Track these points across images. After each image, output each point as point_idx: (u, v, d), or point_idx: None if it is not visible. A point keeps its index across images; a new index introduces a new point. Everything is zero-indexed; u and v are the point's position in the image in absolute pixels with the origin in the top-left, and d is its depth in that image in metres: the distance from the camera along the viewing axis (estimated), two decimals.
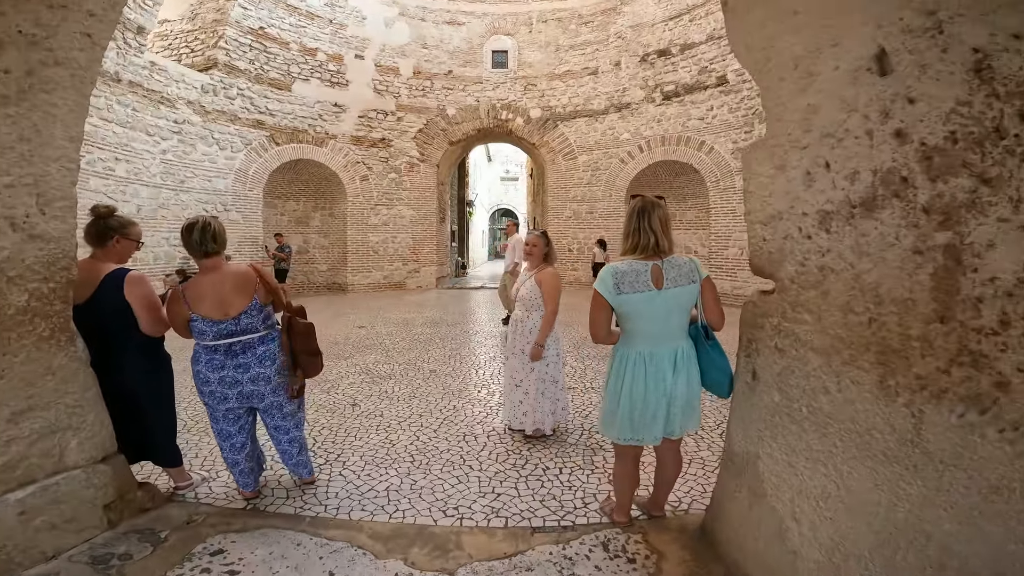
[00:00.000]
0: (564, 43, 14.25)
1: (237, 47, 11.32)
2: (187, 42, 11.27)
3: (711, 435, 3.78)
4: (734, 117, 11.48)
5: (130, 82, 8.80)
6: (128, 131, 8.78)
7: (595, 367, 5.90)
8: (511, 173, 38.50)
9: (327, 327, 8.57)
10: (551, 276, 3.54)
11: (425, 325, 8.70)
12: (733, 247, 11.51)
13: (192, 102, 10.29)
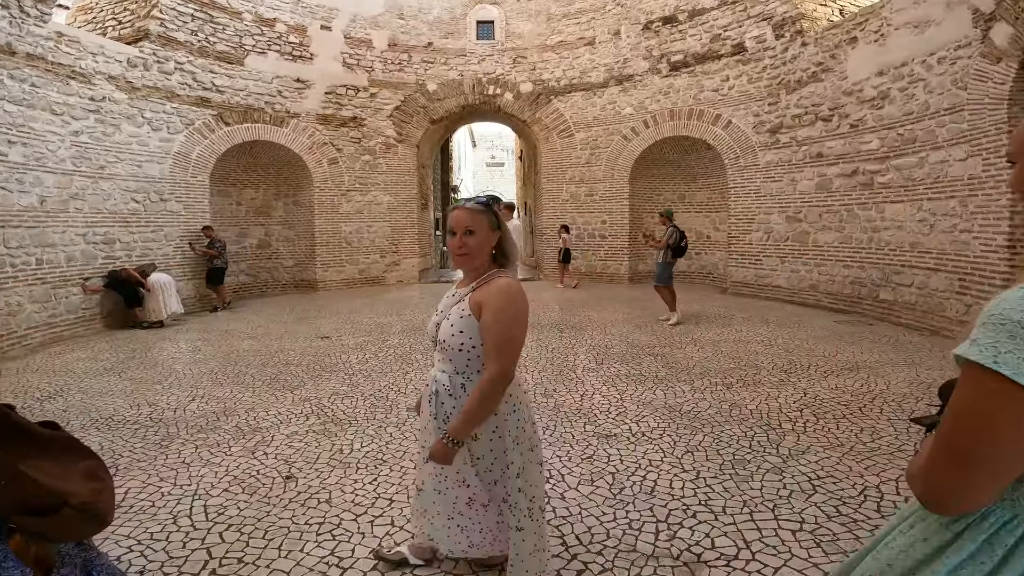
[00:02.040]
0: (556, 12, 12.76)
1: (175, 16, 9.58)
2: (114, 14, 9.56)
3: None
4: (755, 88, 10.06)
5: (28, 55, 7.12)
6: (25, 110, 7.07)
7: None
8: (497, 159, 36.84)
9: (283, 339, 6.98)
10: (503, 297, 1.67)
11: (404, 333, 7.13)
12: (757, 231, 10.07)
13: (115, 77, 8.55)
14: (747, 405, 4.14)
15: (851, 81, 8.17)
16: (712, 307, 8.96)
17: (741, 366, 5.24)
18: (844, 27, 8.35)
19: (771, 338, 6.50)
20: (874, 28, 7.76)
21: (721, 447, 3.38)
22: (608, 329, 7.17)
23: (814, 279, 8.96)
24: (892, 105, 7.50)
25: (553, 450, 3.36)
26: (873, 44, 7.76)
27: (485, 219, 1.73)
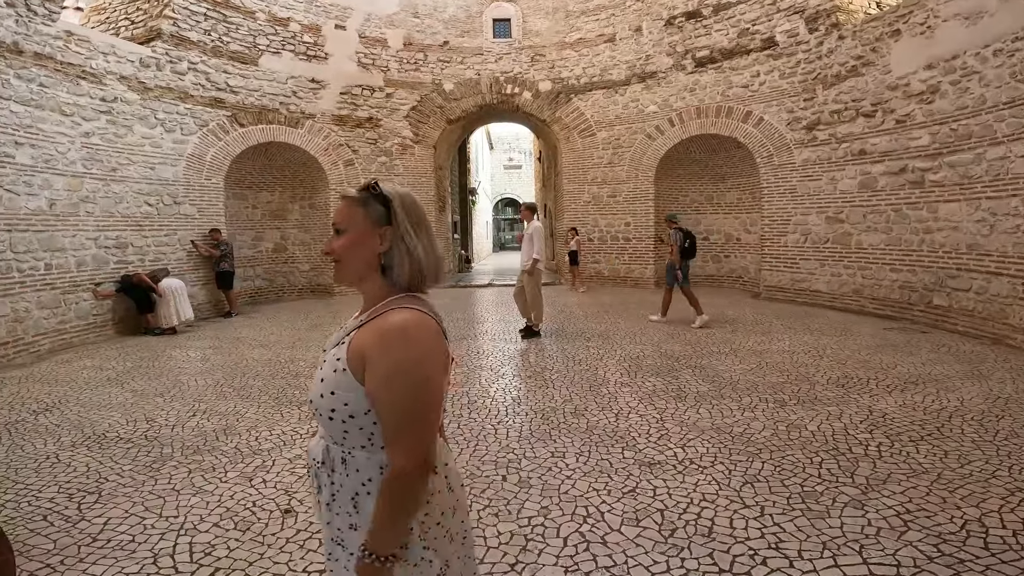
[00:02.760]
0: (574, 8, 12.41)
1: (188, 16, 9.40)
2: (127, 14, 9.40)
3: None
4: (788, 83, 9.56)
5: (36, 54, 6.92)
6: (33, 110, 6.86)
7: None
8: (514, 161, 36.53)
9: (295, 347, 6.67)
10: (394, 346, 0.99)
11: None
12: (793, 232, 9.52)
13: (126, 77, 8.34)
14: (807, 426, 3.67)
15: (896, 75, 7.69)
16: (747, 313, 8.44)
17: (791, 380, 4.76)
18: (885, 20, 7.90)
19: (819, 348, 5.99)
20: (919, 20, 7.31)
21: (785, 477, 2.93)
22: (638, 337, 6.73)
23: (858, 283, 8.40)
24: (943, 99, 7.00)
25: (589, 482, 2.94)
26: (919, 37, 7.32)
27: (363, 214, 1.10)
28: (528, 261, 6.78)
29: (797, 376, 4.87)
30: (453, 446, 3.47)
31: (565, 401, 4.31)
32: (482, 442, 3.53)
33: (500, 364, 5.61)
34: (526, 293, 6.85)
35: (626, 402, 4.25)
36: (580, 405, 4.21)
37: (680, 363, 5.41)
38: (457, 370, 5.36)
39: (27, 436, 3.84)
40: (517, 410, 4.13)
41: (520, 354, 6.03)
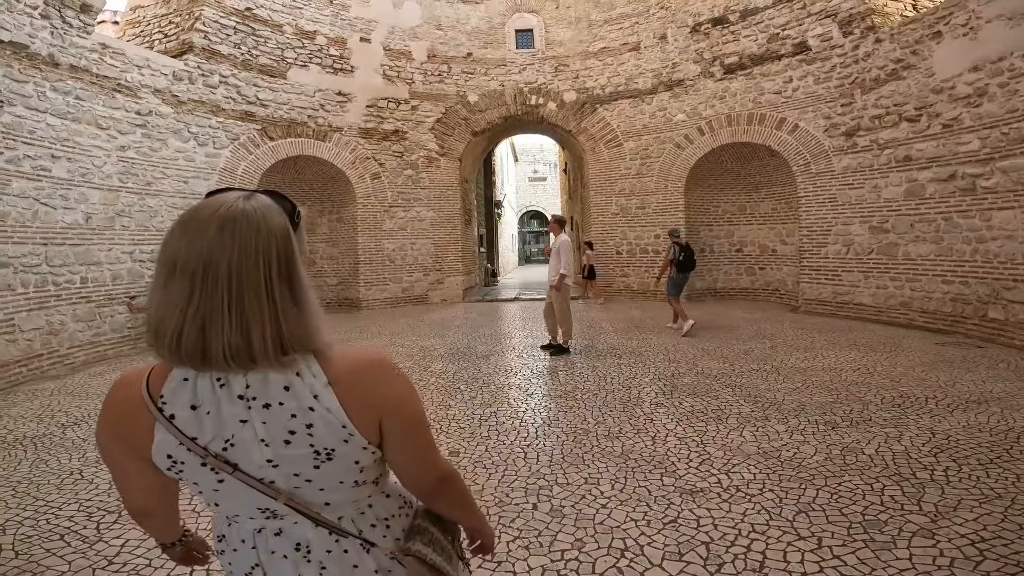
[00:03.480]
0: (597, 18, 12.29)
1: (219, 29, 9.58)
2: (160, 27, 9.61)
3: None
4: (824, 89, 9.22)
5: (71, 66, 7.06)
6: (70, 123, 6.99)
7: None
8: (539, 173, 36.53)
9: None
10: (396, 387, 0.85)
11: (447, 358, 6.62)
12: (834, 243, 9.11)
13: (160, 91, 8.50)
14: (863, 450, 3.40)
15: (940, 78, 7.36)
16: (786, 328, 8.08)
17: (841, 400, 4.45)
18: (925, 22, 7.60)
19: (868, 365, 5.64)
20: (961, 22, 7.01)
21: (843, 505, 2.70)
22: (671, 355, 6.46)
23: (905, 296, 7.97)
24: (992, 103, 6.66)
25: (626, 511, 2.73)
26: (962, 38, 7.02)
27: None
28: (555, 276, 6.61)
29: (847, 396, 4.56)
30: (480, 471, 3.31)
31: (598, 423, 4.10)
32: (511, 467, 3.35)
33: (529, 383, 5.42)
34: (555, 309, 6.68)
35: (663, 424, 4.02)
36: (614, 427, 3.99)
37: (718, 382, 5.14)
38: (482, 389, 5.21)
39: (53, 451, 3.82)
40: (548, 432, 3.94)
41: (549, 372, 5.83)
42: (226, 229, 0.70)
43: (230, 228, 0.70)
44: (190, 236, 0.71)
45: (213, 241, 0.70)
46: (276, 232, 0.73)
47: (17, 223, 6.21)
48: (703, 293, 11.85)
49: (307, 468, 0.78)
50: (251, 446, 0.76)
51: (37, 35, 6.58)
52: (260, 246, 0.71)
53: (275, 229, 0.73)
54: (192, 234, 0.71)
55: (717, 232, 12.02)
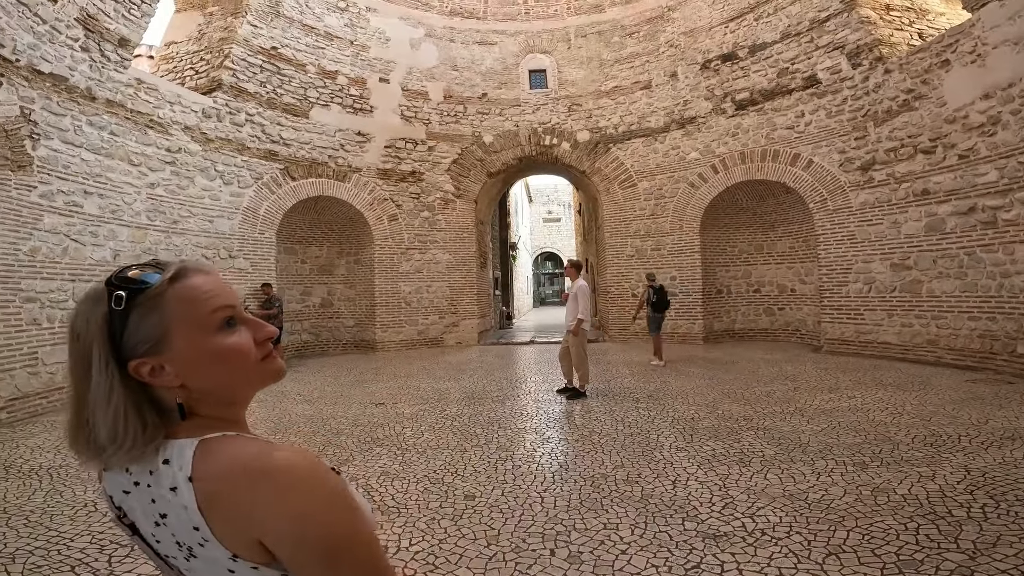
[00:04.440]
0: (608, 57, 12.53)
1: (246, 68, 9.91)
2: (192, 64, 9.96)
3: None
4: (836, 122, 9.25)
5: (108, 101, 7.30)
6: (103, 159, 7.21)
7: None
8: (554, 214, 36.92)
9: (337, 403, 6.59)
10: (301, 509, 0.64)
11: (463, 401, 6.55)
12: (855, 281, 8.96)
13: (190, 128, 8.77)
14: (895, 489, 3.27)
15: (952, 107, 7.34)
16: (809, 369, 7.89)
17: (870, 440, 4.29)
18: (932, 50, 7.64)
19: (896, 404, 5.47)
20: (968, 49, 7.03)
21: (876, 545, 2.59)
22: (691, 398, 6.32)
23: (932, 333, 7.77)
24: (1006, 131, 6.61)
25: (647, 557, 2.61)
26: (971, 66, 7.02)
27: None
28: (573, 321, 6.59)
29: (876, 436, 4.41)
30: (496, 515, 3.21)
31: (616, 467, 3.99)
32: (528, 511, 3.25)
33: (545, 427, 5.33)
34: (572, 353, 6.63)
35: (683, 468, 3.89)
36: (633, 471, 3.87)
37: (740, 424, 5.00)
38: (498, 433, 5.12)
39: (68, 482, 3.82)
40: (565, 477, 3.84)
41: (566, 416, 5.73)
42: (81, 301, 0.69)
43: (82, 300, 0.69)
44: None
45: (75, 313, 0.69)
46: (75, 321, 0.68)
47: (47, 259, 6.37)
48: (721, 335, 11.64)
49: (180, 556, 0.68)
50: (138, 514, 0.70)
51: (77, 68, 6.82)
52: (73, 335, 0.68)
53: (75, 318, 0.69)
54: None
55: (734, 273, 11.89)
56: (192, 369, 0.68)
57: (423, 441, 4.80)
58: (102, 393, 0.65)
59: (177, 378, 0.67)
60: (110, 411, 0.64)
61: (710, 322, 11.54)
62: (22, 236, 6.10)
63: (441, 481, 3.78)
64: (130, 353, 0.65)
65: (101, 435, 0.64)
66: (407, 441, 4.82)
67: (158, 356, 0.66)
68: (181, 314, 0.68)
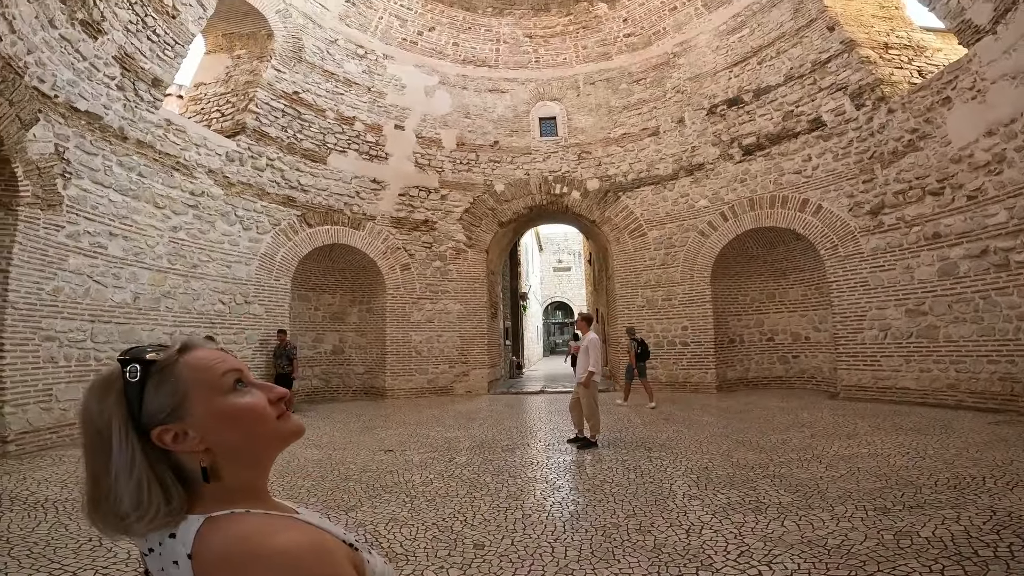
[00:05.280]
0: (616, 104, 12.84)
1: (269, 111, 10.29)
2: (218, 106, 10.38)
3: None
4: (843, 165, 9.29)
5: (138, 141, 7.56)
6: (130, 201, 7.42)
7: None
8: (564, 263, 37.20)
9: (347, 449, 6.54)
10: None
11: (472, 450, 6.45)
12: (870, 328, 8.81)
13: (214, 171, 9.03)
14: (919, 532, 3.15)
15: (956, 146, 7.35)
16: (825, 416, 7.69)
17: (891, 485, 4.15)
18: (933, 88, 7.70)
19: (918, 448, 5.31)
20: (967, 85, 7.09)
21: None
22: (704, 447, 6.17)
23: (951, 378, 7.59)
24: (1012, 169, 6.59)
25: None
26: (972, 102, 7.05)
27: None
28: (584, 374, 6.59)
29: (897, 480, 4.26)
30: (506, 564, 3.12)
31: (628, 516, 3.88)
32: (538, 561, 3.16)
33: (555, 476, 5.22)
34: (582, 404, 6.60)
35: (697, 516, 3.77)
36: (645, 521, 3.76)
37: (755, 472, 4.86)
38: (507, 481, 5.01)
39: (74, 516, 3.80)
40: (576, 526, 3.73)
41: (576, 465, 5.62)
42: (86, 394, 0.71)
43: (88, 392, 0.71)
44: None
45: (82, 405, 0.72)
46: (87, 402, 0.70)
47: (69, 299, 6.52)
48: (734, 383, 11.41)
49: None
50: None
51: (111, 107, 7.09)
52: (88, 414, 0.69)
53: (88, 399, 0.70)
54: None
55: (746, 322, 11.76)
56: (213, 431, 0.70)
57: (432, 488, 4.72)
58: (124, 464, 0.66)
59: (201, 442, 0.69)
60: (132, 481, 0.66)
61: (723, 371, 11.33)
62: (47, 276, 6.26)
63: (450, 529, 3.69)
64: (150, 422, 0.67)
65: (124, 505, 0.66)
66: (416, 488, 4.74)
67: (180, 422, 0.68)
68: (195, 380, 0.71)
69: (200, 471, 0.69)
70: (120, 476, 0.66)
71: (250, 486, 0.74)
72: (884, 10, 9.74)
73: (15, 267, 5.92)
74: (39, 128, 6.16)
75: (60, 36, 6.32)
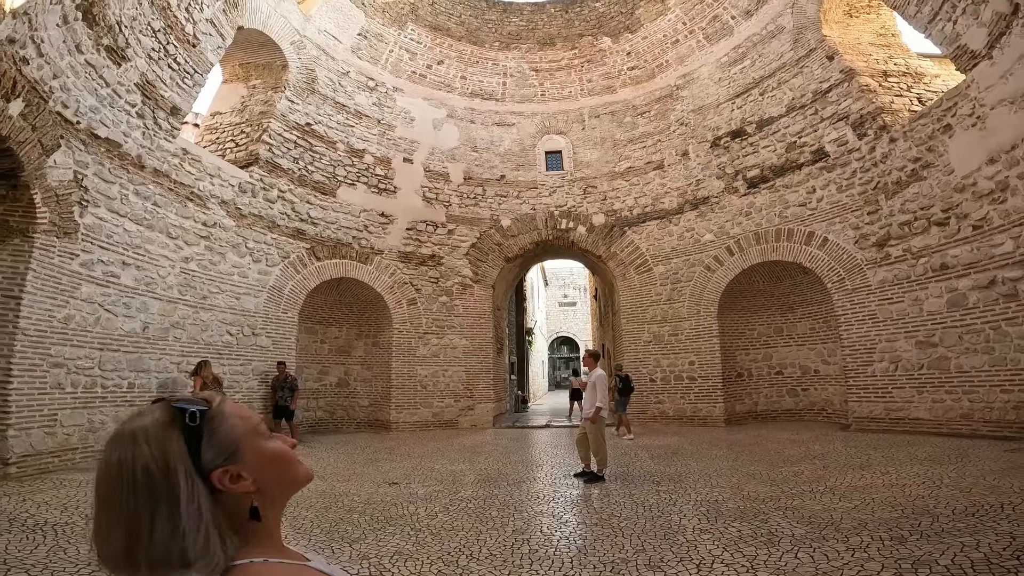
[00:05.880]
0: (621, 138, 13.01)
1: (281, 143, 10.47)
2: (233, 136, 10.52)
3: None
4: (847, 197, 9.27)
5: (155, 170, 7.67)
6: (144, 230, 7.50)
7: None
8: (569, 298, 37.24)
9: (351, 481, 6.46)
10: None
11: (477, 483, 6.35)
12: (880, 360, 8.68)
13: (227, 202, 9.15)
14: (937, 560, 3.07)
15: (959, 174, 7.32)
16: (838, 447, 7.53)
17: (907, 515, 4.04)
18: (933, 115, 7.72)
19: (933, 478, 5.19)
20: (967, 111, 7.10)
21: None
22: (713, 480, 6.05)
23: (964, 407, 7.43)
24: (1016, 196, 6.55)
25: None
26: (972, 129, 7.04)
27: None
28: (591, 409, 6.56)
29: (914, 510, 4.15)
30: None
31: (637, 551, 3.78)
32: None
33: (562, 510, 5.11)
34: (590, 439, 6.55)
35: (708, 550, 3.67)
36: (655, 555, 3.67)
37: (767, 505, 4.74)
38: (513, 516, 4.91)
39: (72, 539, 3.76)
40: (583, 562, 3.64)
41: (583, 499, 5.52)
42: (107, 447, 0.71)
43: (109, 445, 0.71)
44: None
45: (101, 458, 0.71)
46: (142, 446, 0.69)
47: (79, 327, 6.55)
48: (743, 416, 11.21)
49: None
50: None
51: (131, 134, 7.21)
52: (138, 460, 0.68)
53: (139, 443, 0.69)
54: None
55: (754, 356, 11.63)
56: (261, 473, 0.73)
57: (437, 522, 4.62)
58: (193, 511, 0.66)
59: (254, 483, 0.72)
60: (202, 529, 0.66)
61: (731, 405, 11.15)
62: (59, 304, 6.30)
63: (456, 563, 3.61)
64: (209, 466, 0.69)
65: (190, 553, 0.65)
66: (421, 521, 4.65)
67: (236, 465, 0.71)
68: (242, 425, 0.75)
69: (249, 511, 0.72)
70: (189, 524, 0.65)
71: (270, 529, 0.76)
72: (881, 37, 9.90)
73: (28, 294, 5.96)
74: (60, 154, 6.25)
75: (85, 61, 6.45)
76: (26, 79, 5.73)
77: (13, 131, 5.64)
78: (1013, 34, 6.31)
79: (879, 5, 9.62)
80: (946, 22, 7.18)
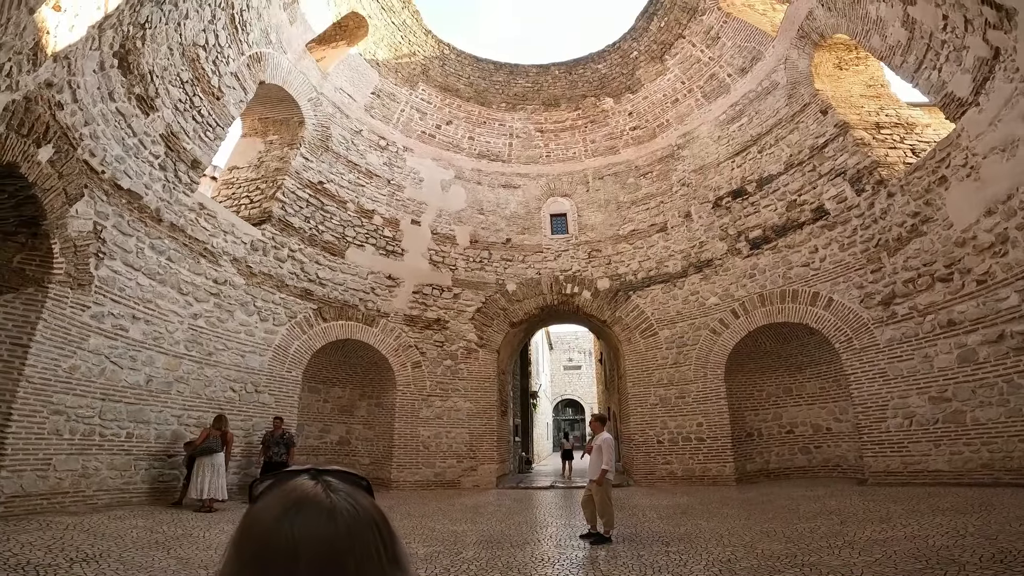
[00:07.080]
0: (625, 199, 13.29)
1: (294, 200, 10.69)
2: (248, 192, 10.74)
3: None
4: (850, 256, 9.27)
5: (172, 224, 7.79)
6: (156, 285, 7.56)
7: None
8: (574, 361, 36.89)
9: None
10: None
11: (479, 545, 6.06)
12: (894, 417, 8.42)
13: (238, 260, 9.26)
14: None
15: (959, 228, 7.32)
16: (855, 502, 7.20)
17: (932, 565, 3.82)
18: (927, 167, 7.80)
19: (958, 527, 4.94)
20: (960, 162, 7.16)
21: None
22: (726, 539, 5.76)
23: (984, 458, 7.14)
24: (1017, 249, 6.51)
25: None
26: (967, 180, 7.07)
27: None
28: (597, 471, 6.46)
29: (939, 560, 3.93)
30: None
31: None
32: None
33: (568, 573, 4.86)
34: (595, 500, 6.38)
35: None
36: None
37: (782, 563, 4.49)
38: None
39: None
40: None
41: (590, 561, 5.26)
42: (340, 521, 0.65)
43: (344, 520, 0.65)
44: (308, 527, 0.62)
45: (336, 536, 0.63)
46: (377, 519, 0.69)
47: (84, 377, 6.56)
48: (755, 475, 10.82)
49: None
50: None
51: (152, 186, 7.33)
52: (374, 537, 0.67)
53: (376, 516, 0.70)
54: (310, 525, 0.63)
55: (764, 416, 11.36)
56: None
57: None
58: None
59: None
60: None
61: (742, 464, 10.77)
62: (65, 354, 6.33)
63: None
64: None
65: None
66: None
67: None
68: None
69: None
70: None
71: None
72: (871, 88, 10.23)
73: (36, 343, 5.99)
74: (82, 204, 6.36)
75: (116, 109, 6.63)
76: (59, 124, 5.85)
77: (40, 178, 5.70)
78: (997, 79, 6.40)
79: (866, 56, 9.90)
80: (931, 70, 7.28)
